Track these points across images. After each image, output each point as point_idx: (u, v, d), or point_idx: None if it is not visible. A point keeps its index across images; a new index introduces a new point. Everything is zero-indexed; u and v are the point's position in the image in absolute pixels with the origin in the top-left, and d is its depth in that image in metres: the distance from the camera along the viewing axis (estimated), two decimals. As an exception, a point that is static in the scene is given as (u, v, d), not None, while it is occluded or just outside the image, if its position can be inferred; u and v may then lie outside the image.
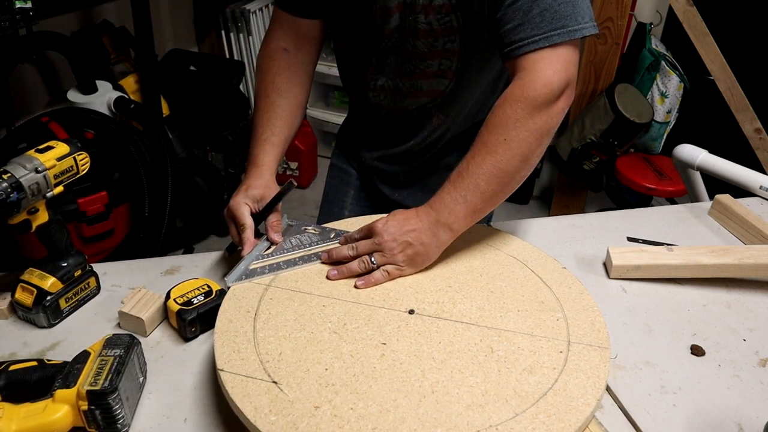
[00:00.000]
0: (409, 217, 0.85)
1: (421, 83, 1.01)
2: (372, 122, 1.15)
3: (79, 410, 0.65)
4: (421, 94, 1.03)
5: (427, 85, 1.01)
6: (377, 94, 1.05)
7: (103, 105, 2.11)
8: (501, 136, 0.81)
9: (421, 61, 0.98)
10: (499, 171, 0.81)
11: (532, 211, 3.04)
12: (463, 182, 0.83)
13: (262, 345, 0.71)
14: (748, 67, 2.32)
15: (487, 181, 0.82)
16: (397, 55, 0.98)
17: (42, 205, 0.83)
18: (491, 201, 0.84)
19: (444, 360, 0.70)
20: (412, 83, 1.01)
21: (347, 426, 0.61)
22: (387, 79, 1.02)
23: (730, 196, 1.16)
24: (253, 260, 0.86)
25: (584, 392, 0.66)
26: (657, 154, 2.68)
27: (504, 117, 0.81)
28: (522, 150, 0.81)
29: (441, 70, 0.99)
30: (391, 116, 1.08)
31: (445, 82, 1.00)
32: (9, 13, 1.59)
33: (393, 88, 1.03)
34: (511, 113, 0.81)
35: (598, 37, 2.41)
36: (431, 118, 1.07)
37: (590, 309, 0.78)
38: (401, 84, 1.02)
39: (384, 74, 1.02)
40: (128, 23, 2.27)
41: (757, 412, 0.73)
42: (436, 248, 0.85)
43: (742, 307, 0.92)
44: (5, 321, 0.86)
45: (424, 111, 1.05)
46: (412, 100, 1.04)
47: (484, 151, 0.82)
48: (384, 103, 1.06)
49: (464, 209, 0.83)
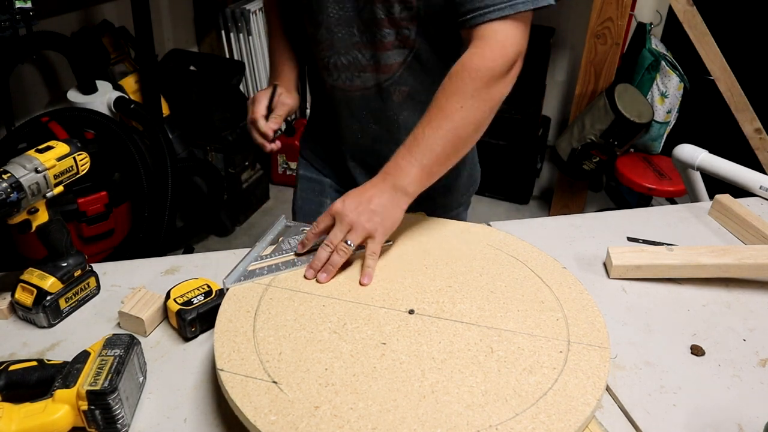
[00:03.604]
0: (365, 188, 0.86)
1: (381, 56, 0.97)
2: (333, 115, 1.10)
3: (79, 410, 0.65)
4: (382, 68, 0.99)
5: (387, 57, 0.97)
6: (331, 74, 1.02)
7: (103, 105, 2.11)
8: (458, 103, 0.84)
9: (378, 30, 0.94)
10: (454, 136, 0.85)
11: (532, 211, 3.04)
12: (418, 147, 0.85)
13: (262, 345, 0.71)
14: (748, 67, 2.32)
15: (443, 146, 0.85)
16: (349, 27, 0.95)
17: (42, 205, 0.83)
18: (445, 164, 0.87)
19: (444, 360, 0.70)
20: (372, 54, 0.97)
21: (347, 426, 0.61)
22: (340, 56, 0.99)
23: (730, 196, 1.16)
24: (252, 261, 0.86)
25: (584, 392, 0.66)
26: (657, 154, 2.68)
27: (462, 85, 0.84)
28: (477, 117, 0.85)
29: (399, 40, 0.95)
30: (349, 100, 1.04)
31: (404, 52, 0.97)
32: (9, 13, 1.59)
33: (348, 64, 0.99)
34: (469, 82, 0.84)
35: (552, 7, 2.41)
36: (391, 95, 1.02)
37: (590, 309, 0.79)
38: (360, 56, 0.98)
39: (335, 50, 0.99)
40: (128, 23, 2.28)
41: (757, 412, 0.73)
42: (399, 210, 0.86)
43: (742, 307, 0.92)
44: (5, 321, 0.86)
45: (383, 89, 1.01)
46: (370, 75, 1.00)
47: (441, 116, 0.85)
48: (339, 83, 1.02)
49: (419, 172, 0.85)
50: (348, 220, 0.84)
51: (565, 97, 3.24)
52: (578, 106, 2.58)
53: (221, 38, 2.96)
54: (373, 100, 1.03)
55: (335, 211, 0.85)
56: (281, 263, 0.86)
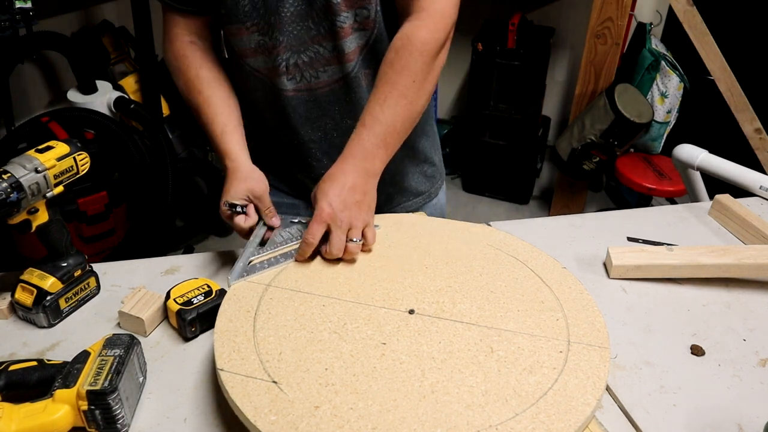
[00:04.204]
0: (339, 178, 0.86)
1: (342, 43, 0.93)
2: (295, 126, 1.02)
3: (79, 410, 0.65)
4: (345, 57, 0.95)
5: (348, 43, 0.93)
6: (293, 77, 0.96)
7: (103, 105, 2.11)
8: (410, 78, 0.85)
9: (336, 17, 0.90)
10: (412, 112, 0.88)
11: (532, 211, 3.04)
12: (381, 127, 0.86)
13: (262, 345, 0.71)
14: (748, 67, 2.32)
15: (402, 122, 0.88)
16: (304, 21, 0.92)
17: (42, 205, 0.83)
18: (402, 138, 0.90)
19: (444, 360, 0.70)
20: (334, 45, 0.93)
21: (347, 426, 0.61)
22: (300, 54, 0.94)
23: (730, 196, 1.16)
24: (250, 257, 0.86)
25: (584, 392, 0.66)
26: (657, 154, 2.68)
27: (413, 60, 0.85)
28: (428, 90, 0.89)
29: (358, 22, 0.92)
30: (317, 99, 0.99)
31: (365, 34, 0.94)
32: (9, 13, 1.59)
33: (310, 60, 0.95)
34: (419, 57, 0.85)
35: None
36: (360, 82, 0.98)
37: (590, 309, 0.78)
38: (321, 49, 0.94)
39: (294, 49, 0.94)
40: (128, 23, 2.28)
41: (757, 412, 0.73)
42: (374, 190, 0.89)
43: (742, 307, 0.92)
44: (5, 321, 0.86)
45: (350, 78, 0.97)
46: (336, 67, 0.96)
47: (396, 94, 0.86)
48: (303, 84, 0.97)
49: (384, 152, 0.88)
50: (344, 221, 0.84)
51: (565, 97, 3.24)
52: (578, 106, 2.58)
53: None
54: (342, 92, 0.99)
55: (327, 216, 0.84)
56: (280, 255, 0.86)
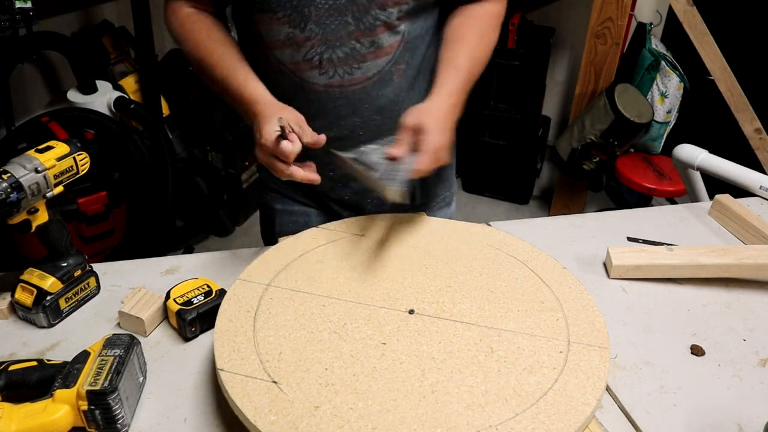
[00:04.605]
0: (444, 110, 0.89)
1: (380, 39, 0.92)
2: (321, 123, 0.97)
3: (79, 410, 0.65)
4: (381, 52, 0.93)
5: (386, 38, 0.92)
6: (326, 72, 0.93)
7: (103, 105, 2.11)
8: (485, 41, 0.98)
9: (382, 11, 0.89)
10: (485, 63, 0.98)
11: (532, 211, 3.04)
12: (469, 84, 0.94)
13: (262, 345, 0.71)
14: (748, 67, 2.32)
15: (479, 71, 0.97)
16: (342, 16, 0.89)
17: (42, 205, 0.83)
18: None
19: (444, 360, 0.70)
20: (372, 41, 0.92)
21: (347, 426, 0.61)
22: (335, 49, 0.92)
23: (730, 196, 1.16)
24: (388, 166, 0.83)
25: (584, 392, 0.66)
26: (657, 154, 2.68)
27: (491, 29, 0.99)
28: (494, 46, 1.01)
29: (399, 17, 0.91)
30: (348, 96, 0.96)
31: (401, 29, 0.93)
32: (9, 13, 1.59)
33: (345, 56, 0.92)
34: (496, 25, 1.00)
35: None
36: (393, 78, 0.97)
37: (590, 309, 0.79)
38: (358, 46, 0.92)
39: (329, 44, 0.91)
40: (128, 23, 2.28)
41: (757, 412, 0.73)
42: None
43: (742, 307, 0.92)
44: (5, 321, 0.86)
45: (384, 74, 0.96)
46: (371, 63, 0.94)
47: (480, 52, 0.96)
48: (335, 80, 0.94)
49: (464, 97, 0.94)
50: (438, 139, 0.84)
51: (565, 97, 3.24)
52: (578, 106, 2.58)
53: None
54: (374, 89, 0.97)
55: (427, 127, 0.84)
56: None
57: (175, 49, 2.68)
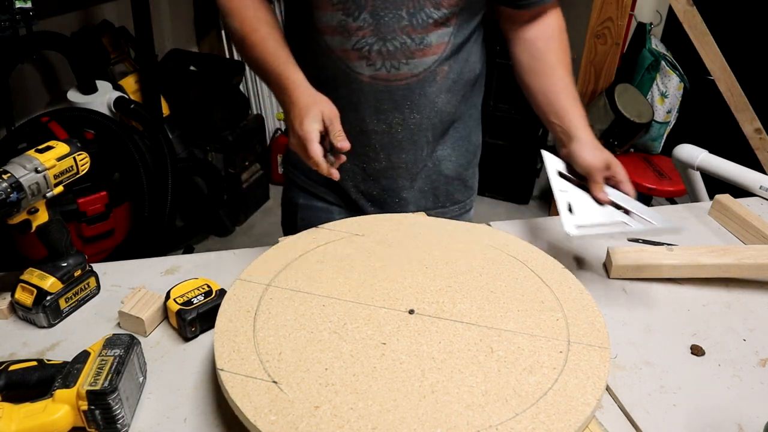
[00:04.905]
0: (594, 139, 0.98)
1: (430, 37, 0.94)
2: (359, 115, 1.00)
3: (79, 410, 0.65)
4: (429, 50, 0.95)
5: (435, 37, 0.94)
6: (373, 63, 0.95)
7: (103, 105, 2.11)
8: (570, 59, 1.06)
9: (436, 10, 0.91)
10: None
11: (532, 211, 3.04)
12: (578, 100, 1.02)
13: (262, 345, 0.71)
14: (748, 67, 2.32)
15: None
16: (397, 10, 0.91)
17: (42, 205, 0.83)
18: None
19: (444, 360, 0.70)
20: (422, 38, 0.93)
21: (347, 426, 0.61)
22: (386, 42, 0.93)
23: (730, 196, 1.16)
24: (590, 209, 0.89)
25: (584, 392, 0.66)
26: (657, 154, 2.68)
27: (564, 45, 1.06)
28: None
29: (447, 18, 0.93)
30: (391, 91, 0.97)
31: (449, 30, 0.95)
32: (9, 13, 1.59)
33: (394, 50, 0.94)
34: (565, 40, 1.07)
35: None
36: (436, 78, 0.99)
37: (590, 309, 0.78)
38: (409, 41, 0.93)
39: (380, 35, 0.92)
40: (128, 23, 2.28)
41: (757, 412, 0.73)
42: None
43: (742, 307, 0.92)
44: (5, 321, 0.86)
45: (429, 73, 0.97)
46: (419, 60, 0.95)
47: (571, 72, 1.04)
48: (381, 73, 0.95)
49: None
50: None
51: (565, 97, 3.23)
52: (578, 106, 2.58)
53: (221, 38, 2.96)
54: (417, 87, 0.98)
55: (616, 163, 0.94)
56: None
57: (175, 49, 2.68)
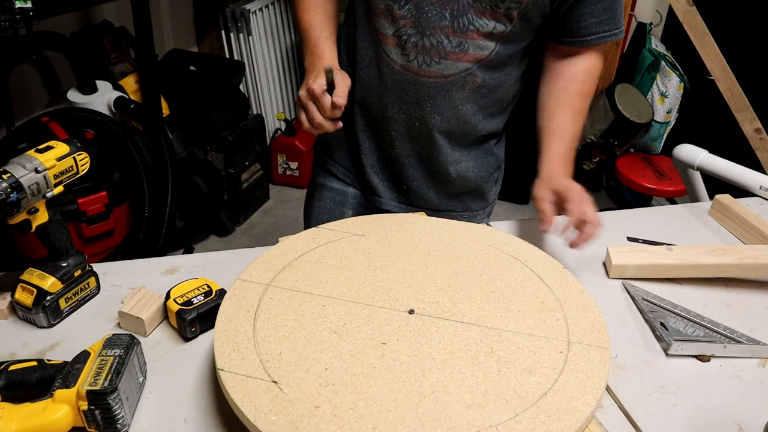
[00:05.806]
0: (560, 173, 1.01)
1: (468, 44, 0.96)
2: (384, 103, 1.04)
3: (79, 410, 0.65)
4: (464, 57, 0.97)
5: (474, 46, 0.96)
6: (407, 54, 0.98)
7: (103, 105, 2.11)
8: (586, 103, 1.05)
9: (477, 19, 0.93)
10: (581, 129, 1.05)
11: (532, 211, 3.04)
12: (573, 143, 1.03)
13: (262, 345, 0.71)
14: (748, 67, 2.32)
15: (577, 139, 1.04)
16: (442, 9, 0.93)
17: (42, 205, 0.83)
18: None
19: (444, 360, 0.70)
20: (460, 42, 0.95)
21: (347, 426, 0.61)
22: (423, 37, 0.95)
23: (730, 196, 1.16)
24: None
25: (584, 392, 0.66)
26: (657, 154, 2.68)
27: (591, 90, 1.05)
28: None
29: (492, 33, 0.95)
30: (418, 85, 1.00)
31: (492, 45, 0.97)
32: (9, 13, 1.59)
33: (430, 46, 0.96)
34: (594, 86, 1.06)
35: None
36: (465, 86, 1.01)
37: (590, 309, 0.78)
38: (446, 41, 0.95)
39: (420, 29, 0.95)
40: (128, 23, 2.28)
41: (757, 412, 0.73)
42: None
43: (742, 307, 0.92)
44: (5, 321, 0.86)
45: (458, 78, 0.99)
46: (451, 63, 0.98)
47: (578, 114, 1.04)
48: (413, 65, 0.98)
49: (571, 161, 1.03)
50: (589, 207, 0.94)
51: (565, 97, 3.23)
52: (578, 106, 2.58)
53: (221, 38, 2.96)
54: (445, 89, 1.00)
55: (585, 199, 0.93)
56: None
57: (175, 49, 2.68)
